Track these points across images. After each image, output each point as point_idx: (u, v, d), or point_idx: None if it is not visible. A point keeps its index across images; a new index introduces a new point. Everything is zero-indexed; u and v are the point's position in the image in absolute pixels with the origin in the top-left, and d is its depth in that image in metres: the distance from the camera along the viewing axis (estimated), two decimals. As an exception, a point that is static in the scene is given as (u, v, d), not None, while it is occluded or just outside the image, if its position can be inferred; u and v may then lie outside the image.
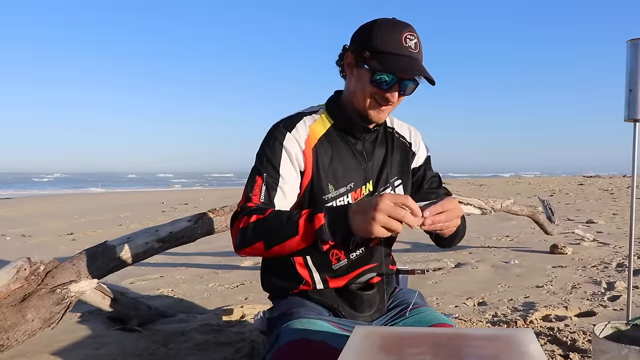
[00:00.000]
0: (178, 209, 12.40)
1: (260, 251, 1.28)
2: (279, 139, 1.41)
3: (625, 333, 1.93)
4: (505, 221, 8.07)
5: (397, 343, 1.03)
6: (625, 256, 4.99)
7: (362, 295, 1.49)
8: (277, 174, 1.38)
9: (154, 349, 2.54)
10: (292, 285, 1.49)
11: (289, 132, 1.42)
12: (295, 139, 1.41)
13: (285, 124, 1.45)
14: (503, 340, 1.02)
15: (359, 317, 1.47)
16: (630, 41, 1.98)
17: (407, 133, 1.60)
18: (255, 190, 1.37)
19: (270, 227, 1.26)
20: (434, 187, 1.61)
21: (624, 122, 2.08)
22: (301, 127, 1.44)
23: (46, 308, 2.08)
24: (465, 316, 3.09)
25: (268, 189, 1.37)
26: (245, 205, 1.35)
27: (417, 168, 1.60)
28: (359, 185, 1.46)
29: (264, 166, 1.40)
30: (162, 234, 2.58)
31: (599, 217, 8.75)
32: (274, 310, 1.51)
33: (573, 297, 3.49)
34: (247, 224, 1.29)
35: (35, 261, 2.17)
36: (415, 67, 1.32)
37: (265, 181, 1.38)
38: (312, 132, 1.44)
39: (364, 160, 1.48)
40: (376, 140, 1.52)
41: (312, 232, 1.20)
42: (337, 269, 1.47)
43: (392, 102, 1.38)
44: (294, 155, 1.40)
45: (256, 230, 1.27)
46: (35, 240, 7.43)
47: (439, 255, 5.23)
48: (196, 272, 4.81)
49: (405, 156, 1.57)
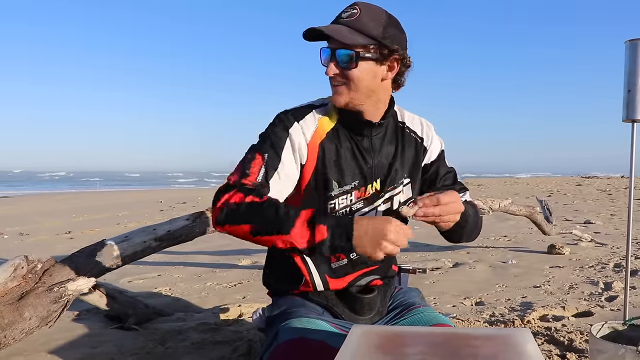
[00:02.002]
0: (176, 207, 12.38)
1: (244, 234, 1.23)
2: (287, 125, 1.38)
3: (622, 333, 1.93)
4: (503, 221, 8.08)
5: (395, 342, 1.03)
6: (622, 257, 5.00)
7: (362, 298, 1.47)
8: (278, 158, 1.34)
9: (152, 347, 2.53)
10: (292, 284, 1.48)
11: (297, 122, 1.38)
12: (301, 130, 1.38)
13: (294, 112, 1.41)
14: (500, 340, 1.02)
15: (359, 320, 1.46)
16: (629, 42, 1.99)
17: (418, 127, 1.53)
18: (253, 168, 1.32)
19: (264, 214, 1.20)
20: (449, 184, 1.54)
21: (622, 122, 2.08)
22: (310, 119, 1.40)
23: (43, 306, 2.07)
24: (462, 316, 3.09)
25: (267, 170, 1.32)
26: (239, 182, 1.29)
27: (429, 164, 1.53)
28: (364, 184, 1.43)
29: (267, 147, 1.35)
30: (160, 233, 2.58)
31: (596, 218, 8.75)
32: (274, 308, 1.50)
33: (570, 297, 3.49)
34: (240, 202, 1.22)
35: (32, 259, 2.17)
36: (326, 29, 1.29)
37: (266, 161, 1.33)
38: (320, 126, 1.40)
39: (370, 157, 1.43)
40: (385, 136, 1.46)
41: (308, 240, 1.16)
42: (336, 268, 1.45)
43: (329, 74, 1.34)
44: (297, 146, 1.36)
45: (247, 213, 1.21)
46: (32, 238, 7.42)
47: (436, 255, 5.24)
48: (194, 271, 4.81)
49: (416, 153, 1.51)
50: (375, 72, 1.35)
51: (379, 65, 1.35)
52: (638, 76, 1.96)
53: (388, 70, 1.38)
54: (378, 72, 1.36)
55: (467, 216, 1.38)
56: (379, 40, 1.32)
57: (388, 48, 1.34)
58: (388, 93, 1.44)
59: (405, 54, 1.39)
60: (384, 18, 1.34)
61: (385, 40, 1.32)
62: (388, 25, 1.34)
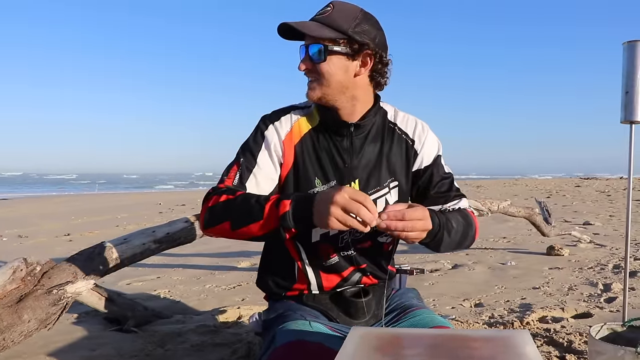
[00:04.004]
0: (175, 210, 12.38)
1: (227, 232, 1.28)
2: (262, 129, 1.44)
3: (621, 334, 1.93)
4: (502, 223, 8.08)
5: (394, 344, 1.03)
6: (621, 258, 5.00)
7: (356, 302, 1.46)
8: (254, 161, 1.40)
9: (151, 350, 2.53)
10: (286, 283, 1.48)
11: (272, 124, 1.44)
12: (276, 130, 1.43)
13: (271, 116, 1.47)
14: (499, 342, 1.02)
15: (354, 324, 1.46)
16: (627, 43, 1.99)
17: (411, 129, 1.49)
18: (230, 174, 1.39)
19: (238, 208, 1.26)
20: (443, 191, 1.49)
21: (620, 124, 2.08)
22: (285, 120, 1.45)
23: (42, 309, 2.07)
24: (461, 317, 3.09)
25: (242, 174, 1.39)
26: (216, 187, 1.37)
27: (422, 170, 1.49)
28: (340, 184, 1.40)
29: (244, 153, 1.43)
30: (159, 235, 2.58)
31: (595, 219, 8.76)
32: (270, 311, 1.50)
33: (569, 299, 3.49)
34: (215, 203, 1.30)
35: (31, 262, 2.17)
36: (297, 24, 1.33)
37: (241, 166, 1.39)
38: (296, 127, 1.44)
39: (349, 157, 1.42)
40: (367, 136, 1.45)
41: (276, 218, 1.19)
42: (328, 266, 1.46)
43: (301, 70, 1.38)
44: (272, 146, 1.41)
45: (223, 210, 1.28)
46: (31, 241, 7.41)
47: (435, 256, 5.24)
48: (193, 273, 4.80)
49: (405, 154, 1.47)
50: (346, 67, 1.36)
51: (351, 60, 1.36)
52: (636, 78, 1.96)
53: (361, 65, 1.38)
54: (350, 67, 1.37)
55: (442, 232, 1.32)
56: (349, 35, 1.33)
57: (358, 42, 1.34)
58: (366, 91, 1.42)
59: (379, 51, 1.38)
60: (358, 15, 1.35)
61: (355, 35, 1.33)
62: (362, 21, 1.35)
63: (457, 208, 1.48)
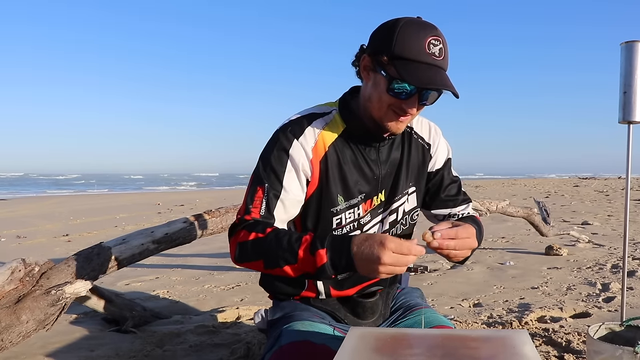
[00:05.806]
0: (174, 210, 12.38)
1: (260, 268, 1.26)
2: (285, 147, 1.32)
3: (620, 334, 1.94)
4: (500, 223, 8.09)
5: (392, 344, 1.04)
6: (620, 257, 5.01)
7: (364, 302, 1.46)
8: (280, 185, 1.30)
9: (150, 350, 2.53)
10: (294, 291, 1.46)
11: (296, 140, 1.32)
12: (302, 147, 1.32)
13: (292, 128, 1.34)
14: (498, 342, 1.03)
15: (362, 324, 1.46)
16: (624, 44, 1.99)
17: (426, 133, 1.48)
18: (255, 202, 1.30)
19: (269, 249, 1.21)
20: (452, 195, 1.50)
21: (619, 124, 2.09)
22: (309, 133, 1.33)
23: (41, 309, 2.07)
24: (460, 317, 3.09)
25: (268, 202, 1.29)
26: (243, 218, 1.29)
27: (434, 172, 1.49)
28: (371, 196, 1.39)
29: (267, 175, 1.31)
30: (158, 235, 2.58)
31: (594, 219, 8.77)
32: (276, 310, 1.48)
33: (568, 299, 3.50)
34: (245, 240, 1.24)
35: (30, 262, 2.16)
36: (437, 79, 1.19)
37: (267, 193, 1.30)
38: (321, 139, 1.34)
39: (377, 168, 1.39)
40: (392, 145, 1.41)
41: (312, 265, 1.16)
42: (342, 281, 1.42)
43: (411, 114, 1.26)
44: (300, 166, 1.31)
45: (255, 249, 1.23)
46: (30, 241, 7.40)
47: (434, 256, 5.24)
48: (192, 273, 4.80)
49: (422, 159, 1.46)
50: None
51: None
52: (634, 78, 1.97)
53: None
54: None
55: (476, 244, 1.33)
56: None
57: None
58: None
59: None
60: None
61: None
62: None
63: (467, 214, 1.50)
